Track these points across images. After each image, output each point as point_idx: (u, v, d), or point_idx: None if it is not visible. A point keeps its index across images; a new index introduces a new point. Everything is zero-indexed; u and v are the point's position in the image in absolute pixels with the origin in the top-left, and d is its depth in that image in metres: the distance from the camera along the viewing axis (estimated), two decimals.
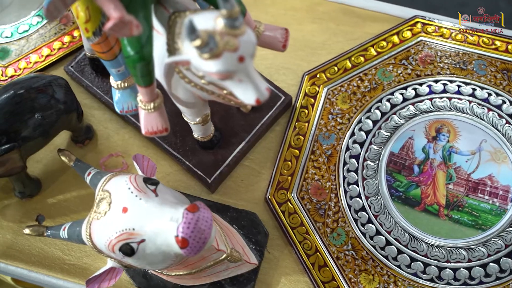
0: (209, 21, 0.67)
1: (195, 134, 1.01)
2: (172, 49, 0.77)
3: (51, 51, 1.14)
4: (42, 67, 1.14)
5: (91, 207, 1.02)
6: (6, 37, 1.15)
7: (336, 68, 1.11)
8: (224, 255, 0.90)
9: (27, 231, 0.95)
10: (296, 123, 1.08)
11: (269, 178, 1.05)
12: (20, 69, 1.13)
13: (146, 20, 0.74)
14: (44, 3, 0.67)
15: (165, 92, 0.85)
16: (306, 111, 1.08)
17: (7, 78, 1.12)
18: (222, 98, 0.81)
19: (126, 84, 0.88)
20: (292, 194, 1.02)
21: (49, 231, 0.95)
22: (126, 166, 1.07)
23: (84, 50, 1.12)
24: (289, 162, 1.05)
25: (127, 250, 0.80)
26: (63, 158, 0.99)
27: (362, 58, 1.11)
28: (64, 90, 0.97)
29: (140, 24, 0.68)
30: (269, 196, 1.03)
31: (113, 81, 0.88)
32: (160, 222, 0.78)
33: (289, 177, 1.04)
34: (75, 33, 1.15)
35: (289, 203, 1.02)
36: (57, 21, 1.16)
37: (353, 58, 1.11)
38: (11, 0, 1.18)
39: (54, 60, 1.14)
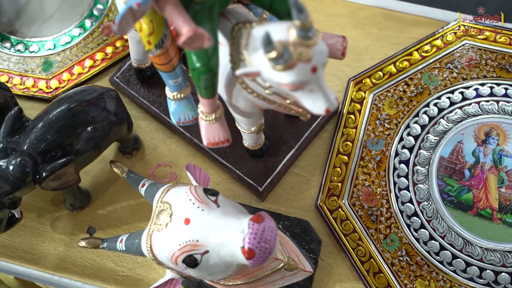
0: (281, 32, 0.66)
1: (246, 143, 1.01)
2: (236, 60, 0.77)
3: (94, 62, 1.14)
4: (85, 78, 1.14)
5: (141, 217, 1.03)
6: (49, 49, 1.15)
7: (381, 73, 1.11)
8: (282, 264, 0.90)
9: (82, 243, 0.95)
10: (344, 129, 1.08)
11: (319, 185, 1.05)
12: (64, 81, 1.13)
13: (212, 32, 0.74)
14: (117, 18, 0.67)
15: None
16: (353, 117, 1.08)
17: (51, 90, 1.12)
18: (283, 107, 0.81)
19: (182, 95, 0.88)
20: (343, 201, 1.02)
21: (105, 244, 0.95)
22: (175, 176, 1.07)
23: (129, 61, 1.12)
24: (339, 169, 1.05)
25: (191, 261, 0.80)
26: (115, 169, 0.99)
27: (406, 63, 1.11)
28: (116, 101, 0.97)
29: (210, 37, 0.68)
30: (320, 203, 1.02)
31: (168, 92, 0.88)
32: (225, 233, 0.77)
33: (339, 184, 1.03)
34: (118, 44, 1.15)
35: (340, 210, 1.02)
36: (98, 31, 1.16)
37: (397, 63, 1.11)
38: (53, 11, 1.18)
39: (97, 71, 1.14)
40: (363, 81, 1.11)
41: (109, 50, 1.15)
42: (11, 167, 0.86)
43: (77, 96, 0.94)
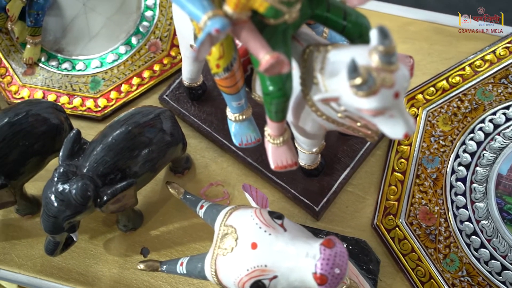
0: (363, 57, 0.65)
1: (302, 162, 1.00)
2: (307, 84, 0.76)
3: (142, 80, 1.13)
4: (134, 97, 1.13)
5: (195, 238, 1.02)
6: (96, 67, 1.14)
7: (433, 89, 1.09)
8: (345, 287, 0.88)
9: (141, 266, 0.94)
10: (398, 147, 1.06)
11: (374, 204, 1.03)
12: (112, 99, 1.12)
13: (287, 56, 0.72)
14: (196, 44, 0.66)
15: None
16: None
17: (100, 109, 1.11)
18: (352, 129, 0.80)
19: (244, 117, 0.87)
20: (400, 220, 1.01)
21: (164, 266, 0.94)
22: (227, 195, 1.06)
23: (178, 78, 1.11)
24: (394, 187, 1.03)
25: (259, 287, 0.79)
26: (172, 191, 0.98)
27: (459, 78, 1.10)
28: (172, 122, 0.96)
29: (289, 62, 0.67)
30: (377, 223, 1.01)
31: (230, 114, 0.87)
32: (295, 259, 0.76)
33: (396, 203, 1.02)
34: (165, 61, 1.14)
35: (397, 229, 1.00)
36: (145, 49, 1.15)
37: (450, 79, 1.10)
38: (98, 29, 1.17)
39: (145, 89, 1.13)
40: (416, 97, 1.09)
41: (156, 67, 1.14)
42: (73, 191, 0.85)
43: (134, 118, 0.93)
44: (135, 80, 1.13)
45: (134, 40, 1.16)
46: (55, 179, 0.86)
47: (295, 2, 0.68)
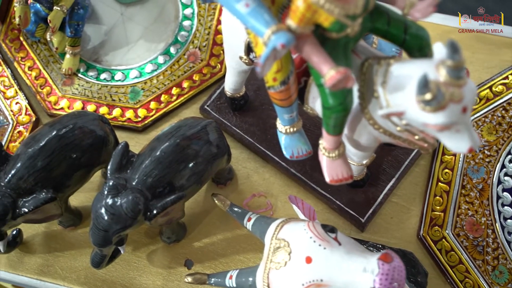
0: (430, 72, 0.64)
1: None
2: (366, 97, 0.75)
3: (182, 90, 1.13)
4: (174, 107, 1.12)
5: (238, 250, 1.01)
6: (135, 77, 1.14)
7: (477, 99, 1.08)
8: None
9: (189, 279, 0.94)
10: (442, 157, 1.05)
11: (419, 215, 1.02)
12: (152, 109, 1.12)
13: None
14: (261, 60, 0.65)
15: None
16: None
17: (140, 119, 1.11)
18: (408, 142, 0.79)
19: (294, 129, 0.86)
20: (447, 231, 1.00)
21: (212, 279, 0.93)
22: (270, 206, 1.05)
23: (219, 89, 1.11)
24: (440, 198, 1.02)
25: None
26: (217, 203, 0.97)
27: (503, 87, 1.09)
28: (218, 134, 0.95)
29: (354, 77, 0.66)
30: (423, 234, 1.00)
31: (281, 126, 0.86)
32: (352, 273, 0.75)
33: (442, 213, 1.01)
34: (204, 71, 1.14)
35: (444, 240, 0.99)
36: (184, 59, 1.15)
37: (493, 88, 1.09)
38: (137, 39, 1.17)
39: (185, 99, 1.13)
40: None
41: (196, 77, 1.13)
42: (124, 205, 0.84)
43: (181, 130, 0.92)
44: (175, 90, 1.13)
45: (172, 50, 1.15)
46: (105, 192, 0.86)
47: (358, 16, 0.68)
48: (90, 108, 1.12)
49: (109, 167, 0.89)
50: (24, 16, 1.08)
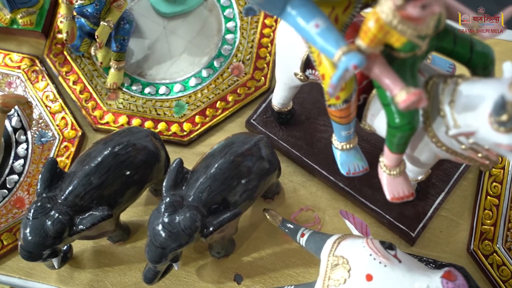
0: (501, 91, 0.64)
1: None
2: (430, 115, 0.75)
3: (227, 103, 1.13)
4: (219, 121, 1.12)
5: (288, 264, 1.01)
6: (179, 91, 1.14)
7: None
8: None
9: None
10: (490, 170, 1.05)
11: (469, 229, 1.02)
12: (197, 123, 1.12)
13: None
14: (333, 81, 0.65)
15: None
16: (500, 157, 1.05)
17: (185, 133, 1.11)
18: (469, 159, 0.78)
19: (351, 145, 0.86)
20: (498, 245, 0.99)
21: None
22: (318, 220, 1.05)
23: (264, 102, 1.11)
24: (489, 212, 1.02)
25: None
26: (269, 218, 0.97)
27: None
28: (270, 149, 0.95)
29: (426, 98, 0.66)
30: (474, 248, 1.00)
31: (337, 142, 0.86)
32: None
33: (492, 227, 1.01)
34: (249, 84, 1.14)
35: (495, 254, 0.99)
36: (228, 72, 1.15)
37: None
38: (180, 53, 1.17)
39: (230, 113, 1.13)
40: None
41: (240, 91, 1.13)
42: (182, 223, 0.84)
43: (234, 146, 0.92)
44: (220, 104, 1.13)
45: (216, 64, 1.15)
46: (162, 210, 0.86)
47: (427, 36, 0.68)
48: (135, 122, 1.12)
49: (164, 184, 0.89)
50: (71, 31, 1.09)
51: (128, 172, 0.91)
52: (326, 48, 0.67)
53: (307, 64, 0.85)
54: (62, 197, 0.88)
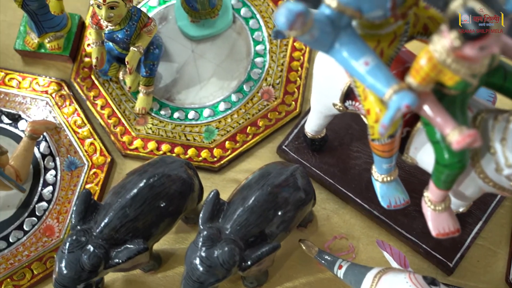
0: None
1: None
2: (479, 152, 0.74)
3: (257, 129, 1.11)
4: (250, 146, 1.11)
5: None
6: (209, 116, 1.13)
7: None
8: None
9: None
10: None
11: (507, 258, 1.01)
12: (227, 149, 1.10)
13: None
14: (385, 121, 0.63)
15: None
16: None
17: (215, 159, 1.10)
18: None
19: (391, 178, 0.84)
20: None
21: None
22: (352, 249, 1.03)
23: (296, 128, 1.09)
24: None
25: None
26: (305, 249, 0.96)
27: None
28: (306, 179, 0.94)
29: (480, 138, 0.65)
30: None
31: (377, 174, 0.85)
32: None
33: None
34: (279, 109, 1.12)
35: None
36: (258, 97, 1.13)
37: None
38: (209, 76, 1.15)
39: (261, 138, 1.11)
40: None
41: (271, 116, 1.12)
42: (220, 257, 0.83)
43: (270, 177, 0.91)
44: (250, 129, 1.11)
45: (246, 88, 1.14)
46: (200, 244, 0.85)
47: (481, 74, 0.66)
48: (165, 148, 1.11)
49: (201, 216, 0.88)
50: (100, 57, 1.07)
51: (163, 204, 0.90)
52: (376, 87, 0.66)
53: (347, 95, 0.84)
54: (97, 230, 0.87)
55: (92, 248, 0.85)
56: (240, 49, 1.17)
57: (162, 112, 1.14)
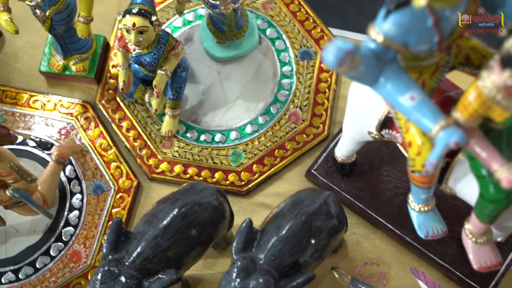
0: None
1: None
2: None
3: (285, 152, 1.10)
4: (278, 169, 1.10)
5: None
6: (236, 139, 1.11)
7: None
8: None
9: None
10: None
11: None
12: (255, 173, 1.09)
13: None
14: (433, 159, 0.62)
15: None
16: None
17: (243, 183, 1.09)
18: None
19: (429, 207, 0.83)
20: None
21: None
22: (383, 275, 1.02)
23: (325, 152, 1.08)
24: None
25: None
26: (338, 277, 0.95)
27: None
28: (339, 206, 0.92)
29: None
30: None
31: (414, 204, 0.83)
32: None
33: None
34: (307, 131, 1.11)
35: None
36: (285, 119, 1.12)
37: None
38: (235, 98, 1.14)
39: (289, 161, 1.10)
40: None
41: (299, 139, 1.11)
42: None
43: (304, 205, 0.90)
44: (278, 152, 1.10)
45: (273, 110, 1.13)
46: (234, 275, 0.83)
47: None
48: (191, 171, 1.10)
49: (234, 246, 0.86)
50: (127, 80, 1.06)
51: (195, 233, 0.89)
52: (422, 122, 0.64)
53: (384, 124, 0.82)
54: (130, 260, 0.86)
55: (124, 279, 0.84)
56: (266, 70, 1.16)
57: (188, 135, 1.13)
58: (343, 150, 0.99)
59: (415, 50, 0.65)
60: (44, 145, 0.97)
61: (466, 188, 0.79)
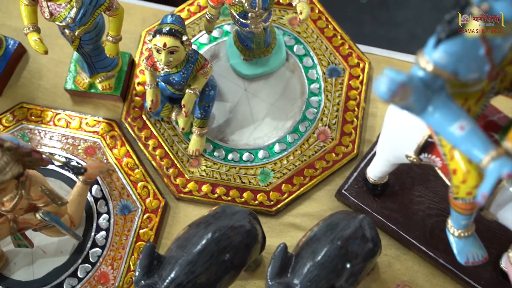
0: None
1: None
2: None
3: (314, 171, 1.09)
4: (306, 189, 1.08)
5: None
6: (264, 158, 1.10)
7: None
8: None
9: None
10: None
11: None
12: (284, 192, 1.08)
13: None
14: (485, 190, 0.60)
15: None
16: None
17: (272, 203, 1.07)
18: None
19: (468, 233, 0.81)
20: None
21: None
22: None
23: (356, 171, 1.07)
24: None
25: None
26: None
27: None
28: (374, 230, 0.91)
29: None
30: None
31: (453, 229, 0.82)
32: None
33: None
34: (337, 150, 1.10)
35: None
36: (314, 138, 1.11)
37: None
38: (263, 116, 1.13)
39: (318, 181, 1.08)
40: None
41: (328, 158, 1.09)
42: None
43: (339, 229, 0.88)
44: (307, 172, 1.08)
45: (301, 128, 1.11)
46: None
47: None
48: (219, 191, 1.08)
49: (269, 271, 0.85)
50: (155, 99, 1.05)
51: (229, 257, 0.88)
52: (472, 152, 0.63)
53: (424, 148, 0.81)
54: (163, 286, 0.84)
55: None
56: (294, 87, 1.15)
57: (216, 154, 1.11)
58: (376, 171, 0.98)
59: (464, 79, 0.64)
60: (78, 170, 0.96)
61: (509, 215, 0.77)
